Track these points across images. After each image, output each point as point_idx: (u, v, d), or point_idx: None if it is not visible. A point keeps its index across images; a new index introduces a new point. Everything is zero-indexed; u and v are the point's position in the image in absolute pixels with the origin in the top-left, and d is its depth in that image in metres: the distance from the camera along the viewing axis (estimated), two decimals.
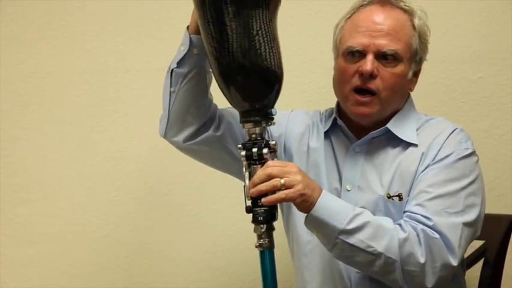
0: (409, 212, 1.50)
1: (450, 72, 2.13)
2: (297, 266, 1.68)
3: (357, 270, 1.55)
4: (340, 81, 1.60)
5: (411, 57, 1.59)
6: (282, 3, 1.53)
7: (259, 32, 1.40)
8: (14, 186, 2.25)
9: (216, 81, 1.48)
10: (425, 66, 2.10)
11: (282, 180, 1.39)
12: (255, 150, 1.43)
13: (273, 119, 1.47)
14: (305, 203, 1.43)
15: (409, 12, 1.60)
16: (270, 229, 1.43)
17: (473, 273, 1.85)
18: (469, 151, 1.56)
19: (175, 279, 2.22)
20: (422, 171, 1.54)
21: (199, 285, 2.22)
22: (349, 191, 1.59)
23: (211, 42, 1.42)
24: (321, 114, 1.73)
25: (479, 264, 1.80)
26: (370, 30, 1.55)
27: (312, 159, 1.66)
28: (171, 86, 1.61)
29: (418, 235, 1.45)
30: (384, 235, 1.43)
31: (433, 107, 2.11)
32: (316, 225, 1.45)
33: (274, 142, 1.45)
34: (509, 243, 1.78)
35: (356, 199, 1.57)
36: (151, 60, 2.20)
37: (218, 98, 1.56)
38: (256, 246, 1.44)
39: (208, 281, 2.21)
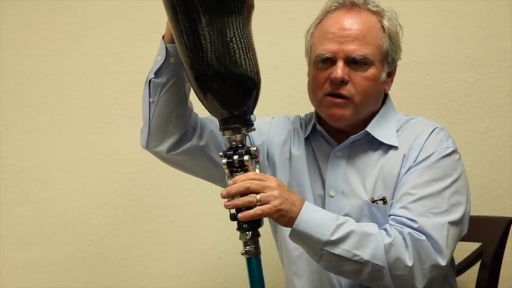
0: (394, 215, 1.49)
1: (447, 74, 2.13)
2: (286, 272, 1.68)
3: None
4: (313, 88, 1.59)
5: (382, 59, 1.57)
6: (279, 6, 1.54)
7: (233, 38, 1.39)
8: (12, 187, 2.25)
9: (193, 90, 1.47)
10: (422, 68, 2.12)
11: (258, 196, 1.39)
12: (236, 157, 1.43)
13: (252, 125, 1.47)
14: (283, 218, 1.42)
15: (378, 14, 1.58)
16: (256, 236, 1.44)
17: (470, 276, 1.85)
18: (450, 150, 1.55)
19: (172, 281, 2.22)
20: (405, 173, 1.53)
21: (197, 286, 2.22)
22: (332, 196, 1.58)
23: (185, 51, 1.42)
24: (301, 119, 1.72)
25: (476, 267, 1.80)
26: (338, 36, 1.54)
27: (295, 166, 1.65)
28: (149, 97, 1.60)
29: (404, 238, 1.44)
30: (368, 242, 1.43)
31: (430, 109, 2.11)
32: (300, 238, 1.44)
33: (255, 148, 1.44)
34: (506, 245, 1.78)
35: (340, 205, 1.56)
36: (150, 62, 2.18)
37: (199, 106, 1.56)
38: (242, 254, 1.44)
39: (206, 283, 2.21)
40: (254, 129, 1.48)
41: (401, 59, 1.64)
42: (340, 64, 1.53)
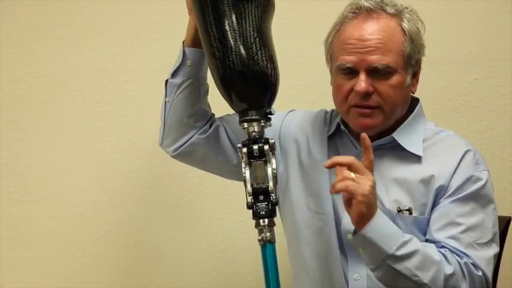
0: (442, 243, 1.50)
1: (446, 73, 2.13)
2: (294, 271, 1.68)
3: None
4: (338, 99, 1.57)
5: (406, 63, 1.54)
6: (278, 5, 1.55)
7: (259, 33, 1.46)
8: (10, 187, 2.25)
9: (216, 84, 1.49)
10: (421, 67, 2.12)
11: (353, 175, 1.39)
12: (255, 147, 1.43)
13: (270, 118, 1.48)
14: (362, 208, 1.40)
15: (396, 16, 1.54)
16: (271, 224, 1.43)
17: None
18: (487, 173, 1.57)
19: (171, 280, 2.22)
20: (439, 195, 1.53)
21: (196, 285, 2.22)
22: None
23: (213, 43, 1.45)
24: (326, 114, 1.71)
25: None
26: (358, 47, 1.51)
27: (314, 162, 1.64)
28: (166, 97, 1.66)
29: (462, 269, 1.46)
30: (430, 266, 1.43)
31: (429, 108, 2.10)
32: (365, 245, 1.43)
33: (273, 141, 1.45)
34: (505, 244, 1.78)
35: None
36: (147, 61, 2.20)
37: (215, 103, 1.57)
38: (258, 240, 1.43)
39: (204, 282, 2.21)
40: (271, 125, 1.49)
41: (425, 55, 1.62)
42: (362, 76, 1.51)
